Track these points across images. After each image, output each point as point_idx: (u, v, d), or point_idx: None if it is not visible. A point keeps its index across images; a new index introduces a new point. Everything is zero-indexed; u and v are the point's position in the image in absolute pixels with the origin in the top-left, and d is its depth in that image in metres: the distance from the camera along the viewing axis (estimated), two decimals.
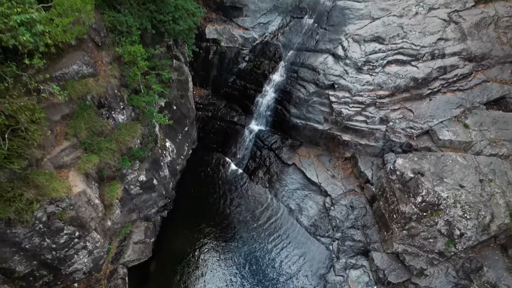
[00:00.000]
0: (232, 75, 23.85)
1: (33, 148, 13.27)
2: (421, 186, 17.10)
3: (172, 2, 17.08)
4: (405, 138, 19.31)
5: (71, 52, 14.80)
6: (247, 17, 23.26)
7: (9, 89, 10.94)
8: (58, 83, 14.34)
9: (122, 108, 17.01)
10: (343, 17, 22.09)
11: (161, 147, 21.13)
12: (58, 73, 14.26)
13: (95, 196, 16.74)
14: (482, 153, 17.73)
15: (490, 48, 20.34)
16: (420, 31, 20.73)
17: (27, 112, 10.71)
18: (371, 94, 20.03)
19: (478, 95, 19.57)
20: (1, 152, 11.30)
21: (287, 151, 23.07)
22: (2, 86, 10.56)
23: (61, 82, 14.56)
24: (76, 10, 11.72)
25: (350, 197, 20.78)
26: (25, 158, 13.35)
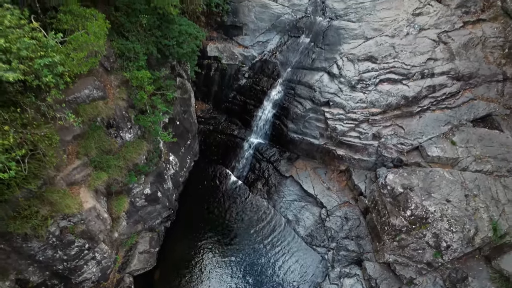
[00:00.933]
0: (233, 90, 24.97)
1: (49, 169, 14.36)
2: (410, 200, 18.19)
3: (176, 27, 18.21)
4: (396, 154, 20.39)
5: (83, 77, 15.92)
6: (246, 35, 24.37)
7: (30, 119, 12.04)
8: (70, 106, 15.51)
9: (129, 127, 18.13)
10: (338, 36, 23.22)
11: (165, 161, 22.23)
12: (71, 97, 15.37)
13: (104, 210, 17.82)
14: (468, 169, 18.81)
15: (477, 68, 21.45)
16: (411, 51, 21.85)
17: (47, 141, 11.78)
18: (364, 111, 21.12)
19: (465, 113, 20.66)
20: (21, 174, 12.35)
21: (285, 163, 24.16)
22: (24, 116, 11.64)
23: (73, 105, 15.71)
24: (90, 44, 12.83)
25: (344, 209, 21.86)
26: (41, 178, 14.44)
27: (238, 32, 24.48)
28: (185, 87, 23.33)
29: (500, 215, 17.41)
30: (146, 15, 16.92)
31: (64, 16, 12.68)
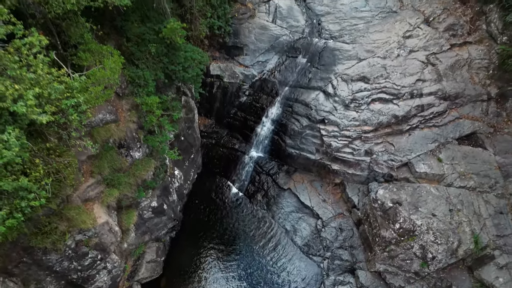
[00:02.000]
0: (234, 107, 26.40)
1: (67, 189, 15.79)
2: (399, 214, 19.60)
3: (182, 53, 19.66)
4: (387, 169, 21.81)
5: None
6: (247, 55, 25.81)
7: (53, 146, 13.47)
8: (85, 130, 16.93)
9: (138, 147, 19.57)
10: (333, 57, 24.66)
11: (170, 175, 23.66)
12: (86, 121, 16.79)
13: (115, 223, 19.26)
14: (453, 185, 20.22)
15: (463, 88, 22.88)
16: (401, 72, 23.28)
17: (69, 168, 13.20)
18: (357, 129, 22.55)
19: (451, 131, 22.09)
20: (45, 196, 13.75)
21: (283, 176, 25.58)
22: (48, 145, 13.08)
23: (88, 128, 17.14)
24: (106, 78, 14.27)
25: (339, 220, 23.27)
26: (60, 197, 15.86)
27: (239, 52, 25.93)
28: (189, 105, 24.77)
29: (481, 229, 18.83)
30: (155, 44, 18.37)
31: (83, 54, 14.12)
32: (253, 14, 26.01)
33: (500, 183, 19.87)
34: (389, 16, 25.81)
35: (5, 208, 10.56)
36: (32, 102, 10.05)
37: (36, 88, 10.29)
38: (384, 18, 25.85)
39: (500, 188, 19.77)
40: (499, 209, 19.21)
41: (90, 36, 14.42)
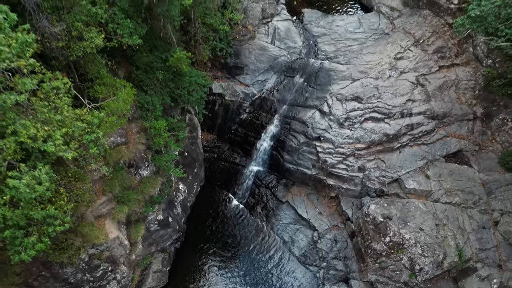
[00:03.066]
0: (235, 123, 27.84)
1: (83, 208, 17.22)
2: (389, 228, 21.04)
3: (187, 78, 21.11)
4: (379, 185, 23.23)
5: None
6: (247, 75, 27.25)
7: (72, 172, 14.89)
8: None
9: (146, 166, 21.01)
10: (329, 77, 26.11)
11: (175, 189, 25.08)
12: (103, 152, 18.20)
13: (125, 237, 20.67)
14: (439, 201, 21.65)
15: (451, 108, 24.32)
16: (392, 92, 24.73)
17: (88, 193, 14.63)
18: (351, 147, 23.99)
19: (439, 149, 23.52)
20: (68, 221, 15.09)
21: (282, 189, 27.01)
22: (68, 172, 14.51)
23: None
24: (120, 109, 15.71)
25: (334, 232, 24.69)
26: (76, 215, 17.28)
27: (239, 72, 27.37)
28: (193, 123, 26.21)
29: (465, 243, 20.25)
30: (162, 71, 19.81)
31: (99, 87, 15.56)
32: (253, 35, 27.43)
33: (484, 200, 21.31)
34: (381, 38, 27.28)
35: (35, 234, 11.98)
36: (59, 141, 11.48)
37: (63, 128, 11.73)
38: (377, 39, 27.32)
39: (483, 204, 21.20)
40: (482, 224, 20.65)
41: (105, 71, 15.87)
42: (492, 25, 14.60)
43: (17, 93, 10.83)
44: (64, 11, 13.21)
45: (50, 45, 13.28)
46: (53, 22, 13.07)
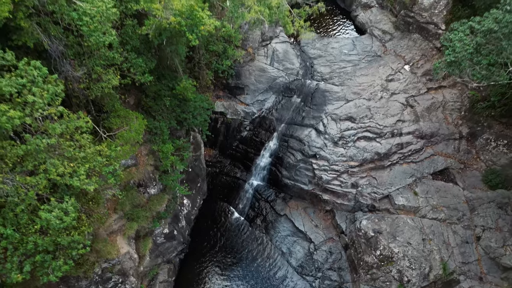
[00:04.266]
0: (236, 140, 29.46)
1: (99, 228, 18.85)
2: (379, 242, 22.66)
3: (192, 103, 22.76)
4: (370, 201, 24.86)
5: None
6: (247, 95, 28.87)
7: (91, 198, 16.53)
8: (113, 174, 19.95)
9: (154, 185, 22.65)
10: (324, 98, 27.75)
11: (180, 204, 26.70)
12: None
13: (134, 251, 22.29)
14: (426, 217, 23.28)
15: (438, 128, 25.96)
16: (383, 113, 26.36)
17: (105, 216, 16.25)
18: (345, 164, 25.61)
19: (427, 167, 25.15)
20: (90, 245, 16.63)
21: (280, 203, 28.64)
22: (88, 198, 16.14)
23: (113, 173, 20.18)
24: (132, 138, 17.35)
25: (329, 244, 26.30)
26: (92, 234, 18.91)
27: (240, 92, 29.00)
28: (196, 140, 27.82)
29: (449, 256, 21.87)
30: (169, 98, 21.45)
31: (114, 119, 17.20)
32: (253, 57, 29.06)
33: (467, 216, 22.93)
34: (374, 60, 28.92)
35: (61, 258, 13.60)
36: (83, 176, 13.10)
37: (86, 164, 13.36)
38: (370, 61, 28.96)
39: (467, 220, 22.82)
40: (465, 239, 22.27)
41: (119, 104, 17.51)
42: (465, 70, 16.24)
43: (48, 137, 12.46)
44: (85, 56, 14.85)
45: (72, 87, 14.92)
46: (76, 67, 14.71)
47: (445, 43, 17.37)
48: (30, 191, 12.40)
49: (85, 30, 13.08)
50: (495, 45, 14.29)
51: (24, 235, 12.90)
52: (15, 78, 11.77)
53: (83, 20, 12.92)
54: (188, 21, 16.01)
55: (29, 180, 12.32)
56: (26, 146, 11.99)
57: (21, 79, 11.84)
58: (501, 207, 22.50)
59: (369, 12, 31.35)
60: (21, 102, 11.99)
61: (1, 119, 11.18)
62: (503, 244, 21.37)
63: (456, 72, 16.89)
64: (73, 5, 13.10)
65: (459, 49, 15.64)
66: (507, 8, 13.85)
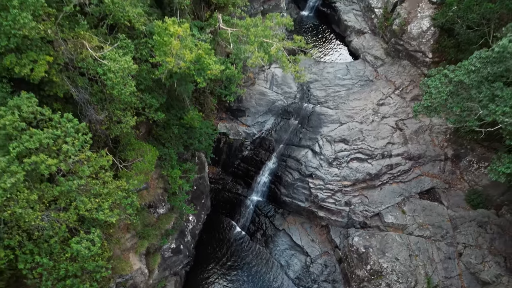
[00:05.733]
0: (238, 159, 31.47)
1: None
2: (370, 258, 24.68)
3: (198, 130, 24.74)
4: (362, 218, 26.88)
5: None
6: (248, 117, 30.89)
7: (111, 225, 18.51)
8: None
9: (163, 205, 24.65)
10: (320, 120, 29.77)
11: (185, 220, 28.70)
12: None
13: (145, 267, 24.29)
14: (413, 234, 25.30)
15: (425, 150, 27.99)
16: (374, 135, 28.38)
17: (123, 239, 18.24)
18: (339, 184, 27.62)
19: (414, 186, 27.17)
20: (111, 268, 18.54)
21: (279, 218, 30.64)
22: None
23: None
24: (145, 169, 19.34)
25: (324, 258, 28.31)
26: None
27: (242, 114, 31.02)
28: (201, 160, 29.83)
29: (433, 271, 23.89)
30: (177, 126, 23.43)
31: (129, 152, 19.19)
32: (253, 82, 31.08)
33: (450, 233, 24.94)
34: (366, 85, 30.96)
35: (87, 281, 15.60)
36: (107, 210, 15.10)
37: (109, 199, 15.36)
38: (362, 86, 31.00)
39: (450, 237, 24.82)
40: (448, 255, 24.28)
41: (134, 138, 19.50)
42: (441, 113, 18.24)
43: (78, 178, 14.46)
44: (107, 102, 16.85)
45: (95, 128, 16.93)
46: (98, 111, 16.72)
47: (424, 88, 19.40)
48: (62, 225, 14.41)
49: (109, 83, 15.07)
50: (466, 94, 16.27)
51: (56, 262, 14.89)
52: (51, 130, 13.78)
53: (108, 75, 14.92)
54: (196, 65, 18.02)
55: (62, 216, 14.33)
56: (60, 188, 13.99)
57: (57, 131, 13.85)
58: (481, 225, 24.54)
59: (362, 38, 33.40)
60: (55, 150, 14.00)
61: (41, 167, 13.18)
62: (482, 260, 23.39)
63: (433, 114, 18.88)
64: (99, 62, 15.11)
65: (435, 95, 17.64)
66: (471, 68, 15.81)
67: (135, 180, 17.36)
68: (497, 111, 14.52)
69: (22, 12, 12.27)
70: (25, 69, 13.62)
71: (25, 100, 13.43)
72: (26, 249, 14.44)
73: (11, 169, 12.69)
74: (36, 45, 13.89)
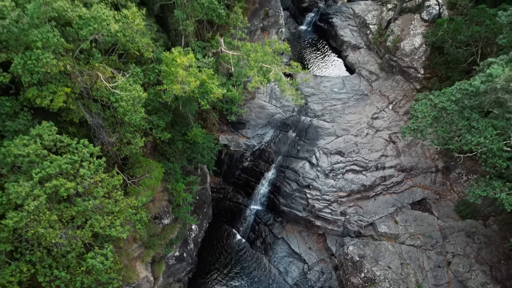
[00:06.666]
0: (238, 170, 32.81)
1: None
2: (364, 266, 26.02)
3: (201, 145, 26.06)
4: (357, 227, 28.21)
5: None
6: (248, 129, 32.21)
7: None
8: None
9: (168, 216, 25.98)
10: (317, 133, 31.11)
11: (188, 229, 30.05)
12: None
13: (150, 275, 25.63)
14: (405, 243, 26.64)
15: (417, 162, 29.33)
16: (369, 148, 29.72)
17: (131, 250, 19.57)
18: (334, 194, 28.96)
19: (406, 197, 28.51)
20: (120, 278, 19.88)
21: (278, 227, 31.98)
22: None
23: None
24: (152, 184, 20.67)
25: (321, 265, 29.65)
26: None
27: (242, 126, 32.35)
28: (203, 172, 31.18)
29: (423, 279, 25.23)
30: (181, 141, 24.76)
31: (137, 169, 20.53)
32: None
33: (440, 243, 26.28)
34: (361, 99, 32.31)
35: None
36: (119, 227, 16.44)
37: (121, 217, 16.70)
38: (358, 100, 32.35)
39: (439, 246, 26.17)
40: (438, 264, 25.62)
41: (142, 156, 20.83)
42: (426, 136, 19.60)
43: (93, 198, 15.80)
44: (118, 125, 18.19)
45: (107, 149, 18.27)
46: (110, 134, 18.06)
47: (412, 112, 20.75)
48: (78, 241, 15.75)
49: (121, 110, 16.43)
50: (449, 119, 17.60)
51: (72, 275, 16.22)
52: (69, 155, 15.12)
53: (120, 103, 16.27)
54: (200, 89, 19.38)
55: (78, 233, 15.66)
56: (77, 208, 15.33)
57: (74, 156, 15.19)
58: (469, 235, 25.89)
59: (357, 53, 34.75)
60: (73, 173, 15.33)
61: (60, 190, 14.53)
62: (469, 269, 24.74)
63: (418, 136, 20.23)
64: (112, 91, 16.46)
65: (420, 120, 19.00)
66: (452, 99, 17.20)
67: (144, 197, 18.68)
68: (472, 141, 15.95)
69: (45, 52, 13.62)
70: (45, 100, 14.96)
71: (46, 129, 14.78)
72: (46, 263, 15.77)
73: (34, 193, 14.05)
74: (55, 78, 15.23)
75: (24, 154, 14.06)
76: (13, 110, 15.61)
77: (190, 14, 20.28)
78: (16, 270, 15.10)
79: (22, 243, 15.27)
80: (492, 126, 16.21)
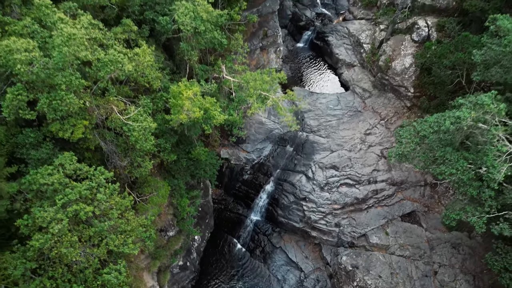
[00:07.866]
0: (238, 182, 34.56)
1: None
2: (356, 275, 27.78)
3: (204, 161, 27.82)
4: (350, 238, 29.97)
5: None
6: (248, 144, 33.96)
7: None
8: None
9: (172, 229, 27.73)
10: (313, 148, 32.87)
11: (191, 239, 31.81)
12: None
13: (157, 284, 27.39)
14: (394, 254, 28.40)
15: (407, 176, 31.10)
16: (362, 163, 31.49)
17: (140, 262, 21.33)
18: (329, 207, 30.73)
19: (397, 210, 30.28)
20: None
21: (276, 236, 33.72)
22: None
23: None
24: (159, 202, 22.44)
25: (316, 273, 31.39)
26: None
27: (242, 141, 34.08)
28: (206, 185, 32.94)
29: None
30: (186, 159, 26.53)
31: (146, 188, 22.29)
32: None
33: (427, 254, 28.05)
34: (355, 115, 34.08)
35: None
36: (131, 244, 18.19)
37: (133, 235, 18.45)
38: (351, 116, 34.12)
39: (427, 257, 27.93)
40: (425, 273, 27.39)
41: (149, 176, 22.59)
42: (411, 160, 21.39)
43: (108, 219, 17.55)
44: (129, 150, 19.96)
45: (119, 172, 20.03)
46: (122, 158, 19.83)
47: (397, 137, 22.51)
48: (95, 258, 17.51)
49: (133, 139, 18.20)
50: (429, 146, 19.39)
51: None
52: (88, 182, 16.88)
53: (132, 133, 18.04)
54: (204, 115, 21.15)
55: (95, 251, 17.42)
56: (94, 229, 17.09)
57: (92, 182, 16.95)
58: (454, 247, 27.66)
59: (352, 71, 36.54)
60: (90, 197, 17.09)
61: (80, 213, 16.28)
62: (454, 278, 26.51)
63: (403, 160, 22.02)
64: (125, 122, 18.22)
65: (405, 145, 20.77)
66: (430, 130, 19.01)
67: (152, 215, 20.44)
68: (446, 172, 17.78)
69: (68, 93, 15.39)
70: (67, 133, 16.73)
71: (68, 159, 16.55)
72: (66, 278, 17.51)
73: (57, 217, 15.80)
74: (75, 112, 17.00)
75: (49, 183, 15.82)
76: (36, 140, 17.39)
77: (194, 46, 22.04)
78: (40, 284, 16.83)
79: (45, 261, 17.02)
80: (464, 158, 18.03)
